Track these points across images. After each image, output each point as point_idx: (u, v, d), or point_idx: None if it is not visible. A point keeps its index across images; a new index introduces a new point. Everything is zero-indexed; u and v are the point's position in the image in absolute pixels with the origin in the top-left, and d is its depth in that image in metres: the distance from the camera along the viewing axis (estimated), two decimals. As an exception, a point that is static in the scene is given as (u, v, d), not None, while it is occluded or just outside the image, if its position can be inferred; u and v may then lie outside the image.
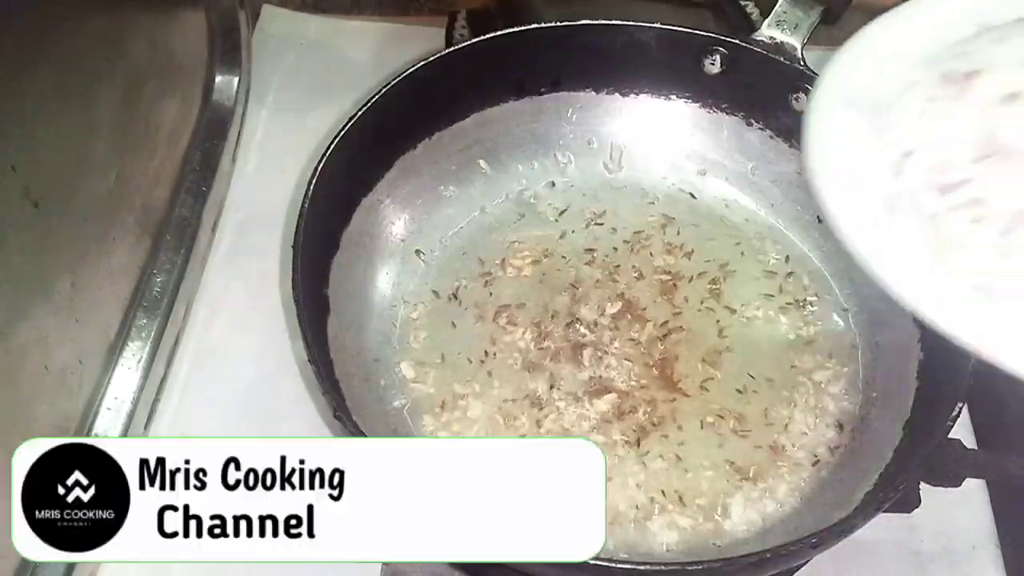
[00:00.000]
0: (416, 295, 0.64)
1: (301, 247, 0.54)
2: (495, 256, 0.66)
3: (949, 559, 0.59)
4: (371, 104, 0.59)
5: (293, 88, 0.82)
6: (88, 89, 0.56)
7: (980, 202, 0.39)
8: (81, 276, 0.56)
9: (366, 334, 0.61)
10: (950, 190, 0.40)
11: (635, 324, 0.62)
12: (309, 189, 0.56)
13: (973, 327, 0.37)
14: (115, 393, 0.61)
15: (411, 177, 0.66)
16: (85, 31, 0.56)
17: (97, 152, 0.58)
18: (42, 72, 0.51)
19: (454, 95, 0.66)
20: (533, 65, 0.66)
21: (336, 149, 0.57)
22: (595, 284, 0.64)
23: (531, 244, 0.66)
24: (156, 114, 0.67)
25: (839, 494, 0.53)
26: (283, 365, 0.66)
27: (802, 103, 0.62)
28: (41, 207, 0.50)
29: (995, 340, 0.36)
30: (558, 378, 0.59)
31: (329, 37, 0.86)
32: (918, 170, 0.41)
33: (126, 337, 0.63)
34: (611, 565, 0.42)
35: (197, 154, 0.73)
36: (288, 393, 0.64)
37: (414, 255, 0.65)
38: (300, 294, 0.52)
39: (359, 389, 0.57)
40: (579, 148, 0.70)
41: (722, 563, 0.47)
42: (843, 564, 0.58)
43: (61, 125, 0.53)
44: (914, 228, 0.40)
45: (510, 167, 0.69)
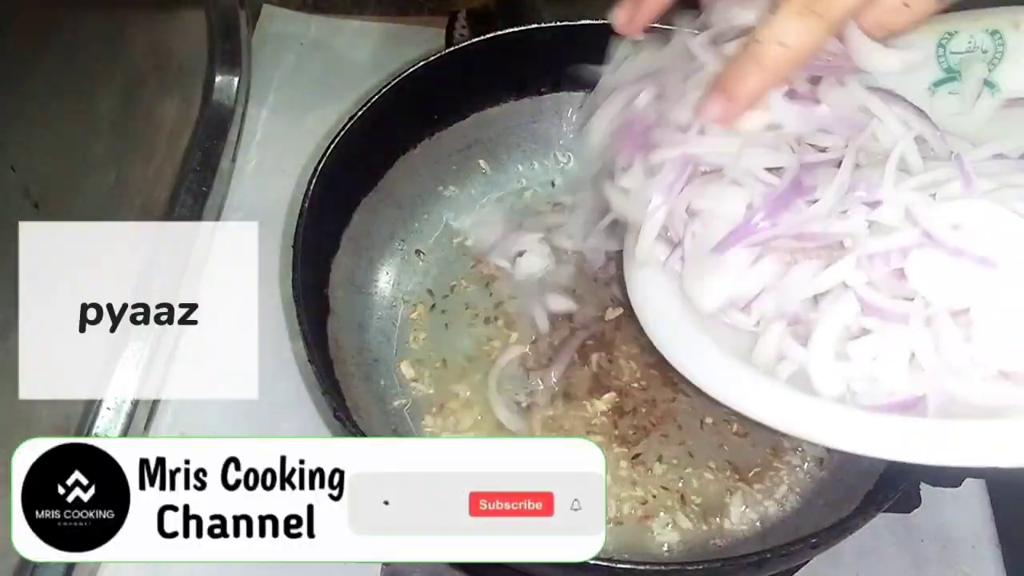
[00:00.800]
0: (416, 295, 0.64)
1: (301, 247, 0.54)
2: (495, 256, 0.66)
3: (949, 559, 0.59)
4: (371, 104, 0.59)
5: (293, 88, 0.82)
6: (88, 89, 0.56)
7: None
8: (80, 276, 0.56)
9: (366, 334, 0.61)
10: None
11: (635, 323, 0.61)
12: (309, 189, 0.56)
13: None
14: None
15: (411, 177, 0.66)
16: (85, 31, 0.56)
17: (97, 152, 0.58)
18: (42, 72, 0.51)
19: (454, 95, 0.65)
20: (533, 65, 0.66)
21: (336, 149, 0.57)
22: (595, 284, 0.64)
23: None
24: (156, 114, 0.67)
25: (839, 494, 0.53)
26: (283, 365, 0.66)
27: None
28: (41, 207, 0.50)
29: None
30: (558, 378, 0.59)
31: (329, 37, 0.86)
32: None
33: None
34: (611, 565, 0.42)
35: (197, 154, 0.73)
36: (288, 393, 0.64)
37: (414, 255, 0.65)
38: (300, 294, 0.52)
39: (359, 389, 0.57)
40: (579, 148, 0.70)
41: (722, 563, 0.47)
42: (843, 564, 0.58)
43: (61, 125, 0.53)
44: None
45: (510, 167, 0.69)
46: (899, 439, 0.40)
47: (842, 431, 0.41)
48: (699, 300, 0.47)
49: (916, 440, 0.40)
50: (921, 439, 0.40)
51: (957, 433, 0.39)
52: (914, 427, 0.40)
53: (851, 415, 0.42)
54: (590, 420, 0.58)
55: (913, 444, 0.40)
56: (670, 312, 0.49)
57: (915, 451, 0.40)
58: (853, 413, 0.42)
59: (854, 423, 0.41)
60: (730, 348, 0.46)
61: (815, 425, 0.42)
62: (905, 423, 0.41)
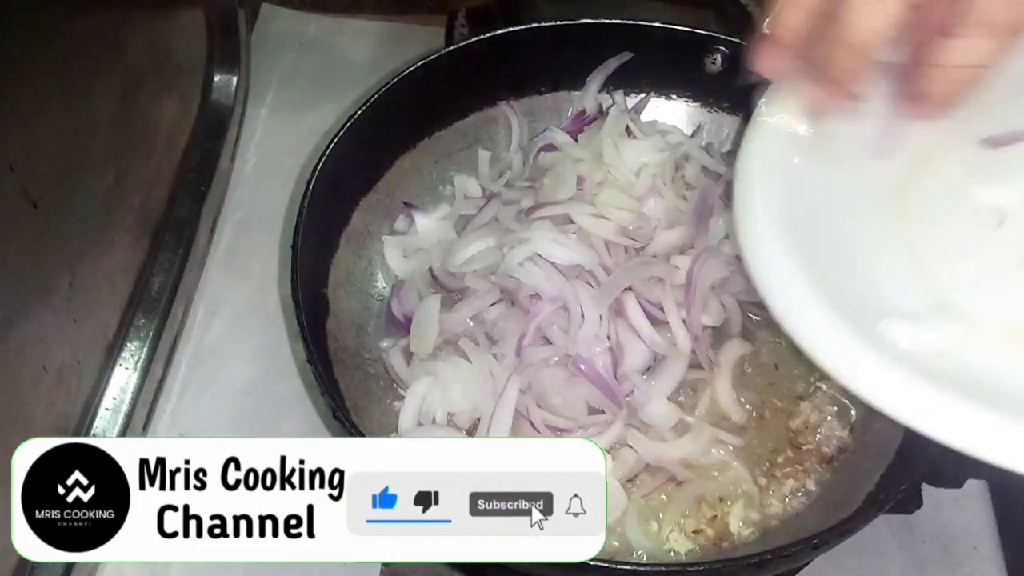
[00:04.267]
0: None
1: (300, 247, 0.53)
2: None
3: (950, 560, 0.59)
4: (371, 103, 0.59)
5: (292, 87, 0.82)
6: (87, 88, 0.56)
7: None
8: (79, 276, 0.56)
9: (366, 334, 0.61)
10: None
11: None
12: (309, 189, 0.55)
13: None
14: (113, 393, 0.61)
15: (411, 177, 0.65)
16: (84, 30, 0.56)
17: (96, 151, 0.58)
18: (41, 71, 0.51)
19: (454, 95, 0.65)
20: (533, 65, 0.66)
21: (336, 148, 0.57)
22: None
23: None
24: (155, 113, 0.67)
25: (840, 495, 0.53)
26: (282, 365, 0.66)
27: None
28: (40, 207, 0.50)
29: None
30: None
31: (328, 36, 0.86)
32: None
33: (125, 337, 0.63)
34: (611, 565, 0.42)
35: (196, 153, 0.73)
36: (288, 393, 0.64)
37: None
38: (299, 294, 0.52)
39: (359, 389, 0.57)
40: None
41: (723, 563, 0.47)
42: (844, 565, 0.58)
43: (60, 124, 0.53)
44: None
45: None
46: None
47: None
48: None
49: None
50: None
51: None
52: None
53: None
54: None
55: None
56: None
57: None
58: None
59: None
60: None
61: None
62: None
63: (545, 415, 0.54)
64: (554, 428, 0.54)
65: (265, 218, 0.73)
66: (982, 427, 0.37)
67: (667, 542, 0.53)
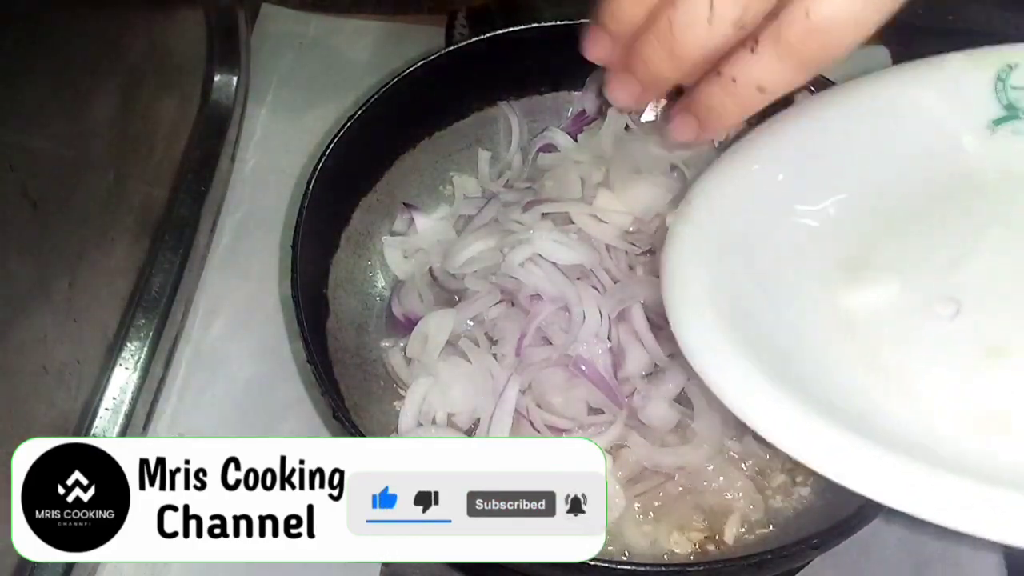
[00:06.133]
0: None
1: (300, 247, 0.54)
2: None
3: (950, 560, 0.59)
4: (371, 103, 0.59)
5: (292, 87, 0.82)
6: (86, 88, 0.56)
7: None
8: (79, 276, 0.56)
9: (366, 334, 0.61)
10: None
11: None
12: (309, 189, 0.55)
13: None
14: (113, 393, 0.61)
15: (411, 177, 0.65)
16: (84, 31, 0.56)
17: (95, 151, 0.58)
18: (40, 71, 0.51)
19: (454, 95, 0.65)
20: (533, 65, 0.66)
21: (336, 148, 0.57)
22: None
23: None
24: (155, 113, 0.67)
25: (840, 495, 0.53)
26: (282, 365, 0.66)
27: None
28: (39, 207, 0.50)
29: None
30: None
31: (328, 36, 0.86)
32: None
33: (124, 337, 0.63)
34: (611, 566, 0.42)
35: (196, 153, 0.73)
36: (287, 393, 0.64)
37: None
38: (299, 294, 0.52)
39: (359, 389, 0.57)
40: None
41: (722, 564, 0.47)
42: (844, 565, 0.58)
43: (59, 124, 0.53)
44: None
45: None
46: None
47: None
48: None
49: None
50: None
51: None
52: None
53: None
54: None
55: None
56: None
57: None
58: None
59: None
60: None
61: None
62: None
63: (545, 415, 0.54)
64: (554, 428, 0.54)
65: (265, 218, 0.73)
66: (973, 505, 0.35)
67: (667, 542, 0.53)
